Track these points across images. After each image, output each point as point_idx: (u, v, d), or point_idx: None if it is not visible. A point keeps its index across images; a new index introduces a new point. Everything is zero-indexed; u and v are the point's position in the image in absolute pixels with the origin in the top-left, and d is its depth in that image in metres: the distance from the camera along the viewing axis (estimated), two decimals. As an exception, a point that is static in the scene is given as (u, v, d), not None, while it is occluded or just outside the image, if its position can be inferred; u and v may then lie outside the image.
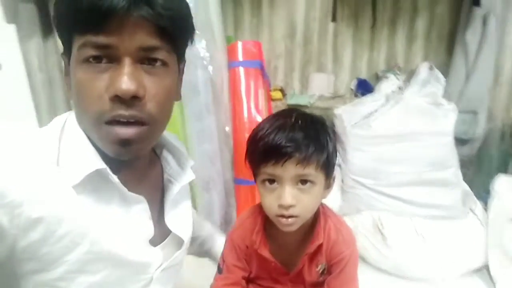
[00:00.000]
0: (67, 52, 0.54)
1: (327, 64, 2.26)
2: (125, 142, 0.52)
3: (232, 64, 1.85)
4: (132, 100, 0.51)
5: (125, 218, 0.58)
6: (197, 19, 1.64)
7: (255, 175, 0.75)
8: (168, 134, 0.72)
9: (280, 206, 0.70)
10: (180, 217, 0.69)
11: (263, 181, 0.72)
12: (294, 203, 0.69)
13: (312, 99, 2.13)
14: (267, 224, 0.81)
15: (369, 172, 1.71)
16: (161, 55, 0.53)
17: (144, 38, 0.51)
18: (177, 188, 0.67)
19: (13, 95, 1.29)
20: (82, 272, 0.54)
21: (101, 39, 0.49)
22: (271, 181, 0.71)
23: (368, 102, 1.92)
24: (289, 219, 0.71)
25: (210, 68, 1.69)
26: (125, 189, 0.57)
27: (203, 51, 1.68)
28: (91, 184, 0.54)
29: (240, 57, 1.86)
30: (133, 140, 0.53)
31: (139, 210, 0.60)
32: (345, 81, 2.28)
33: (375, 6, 2.12)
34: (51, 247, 0.51)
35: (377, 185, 1.71)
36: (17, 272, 0.51)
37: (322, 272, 0.80)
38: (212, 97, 1.71)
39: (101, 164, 0.54)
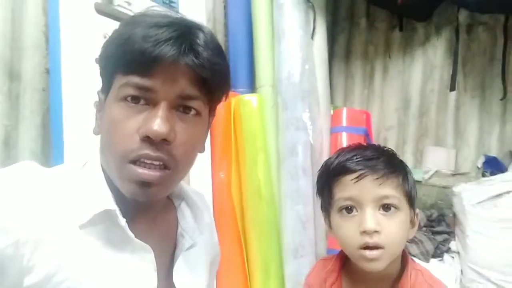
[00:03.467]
0: (105, 89, 0.56)
1: (446, 137, 2.04)
2: (145, 184, 0.52)
3: (335, 129, 1.82)
4: (161, 143, 0.51)
5: (128, 267, 0.55)
6: (302, 86, 1.74)
7: (329, 208, 0.69)
8: (189, 188, 0.70)
9: (363, 234, 0.63)
10: (192, 279, 0.63)
11: (340, 210, 0.66)
12: (378, 228, 0.62)
13: (427, 175, 1.91)
14: (345, 270, 0.72)
15: (496, 263, 1.38)
16: (196, 104, 0.55)
17: (185, 87, 0.53)
18: (188, 243, 0.64)
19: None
20: None
21: (144, 81, 0.51)
22: (349, 209, 0.65)
23: (498, 182, 1.62)
24: (374, 251, 0.62)
25: (311, 131, 1.69)
26: (131, 235, 0.55)
27: (306, 115, 1.70)
28: (98, 225, 0.53)
29: (344, 123, 1.82)
30: (154, 183, 0.52)
31: (144, 259, 0.57)
32: (469, 158, 2.00)
33: (504, 75, 1.88)
34: None
35: (508, 282, 1.35)
36: None
37: None
38: (310, 160, 1.68)
39: (111, 205, 0.54)
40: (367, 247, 0.63)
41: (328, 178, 0.69)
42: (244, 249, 1.72)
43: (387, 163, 0.66)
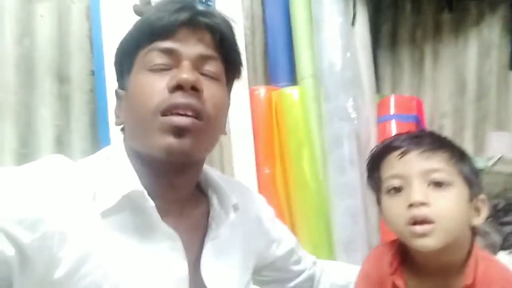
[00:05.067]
0: (126, 79, 0.58)
1: (509, 120, 1.87)
2: (180, 131, 0.51)
3: (382, 118, 1.73)
4: (191, 91, 0.52)
5: (156, 256, 0.54)
6: (344, 75, 1.68)
7: (379, 192, 0.66)
8: (214, 172, 0.68)
9: (411, 208, 0.59)
10: (220, 268, 0.61)
11: (388, 190, 0.63)
12: (425, 200, 0.58)
13: (490, 162, 1.75)
14: (405, 259, 0.68)
15: None
16: (215, 67, 0.57)
17: (204, 47, 0.56)
18: (215, 232, 0.61)
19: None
20: None
21: (167, 44, 0.54)
22: (397, 189, 0.62)
23: None
24: (424, 226, 0.58)
25: (356, 121, 1.62)
26: (159, 218, 0.53)
27: (350, 104, 1.64)
28: (124, 212, 0.52)
29: (392, 111, 1.72)
30: (189, 129, 0.52)
31: (173, 248, 0.55)
32: (539, 142, 1.80)
33: None
34: (77, 285, 0.48)
35: None
36: None
37: None
38: (356, 151, 1.60)
39: (139, 186, 0.53)
40: (416, 222, 0.58)
41: (375, 160, 0.67)
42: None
43: (435, 139, 0.63)
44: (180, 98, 0.52)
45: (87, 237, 0.49)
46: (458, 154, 0.63)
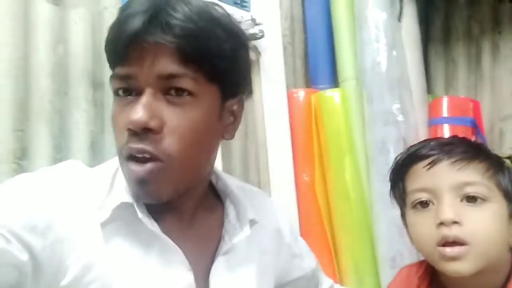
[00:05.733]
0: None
1: None
2: (141, 182, 0.49)
3: (434, 121, 1.59)
4: (145, 133, 0.48)
5: (157, 267, 0.52)
6: (389, 75, 1.57)
7: (403, 206, 0.62)
8: (235, 182, 0.64)
9: (440, 226, 0.53)
10: (233, 284, 0.58)
11: (414, 205, 0.57)
12: (457, 219, 0.52)
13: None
14: (433, 281, 0.63)
15: None
16: (185, 84, 0.49)
17: (164, 65, 0.48)
18: (227, 245, 0.58)
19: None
20: None
21: (123, 70, 0.49)
22: (424, 203, 0.56)
23: None
24: (455, 248, 0.52)
25: (403, 125, 1.50)
26: (151, 226, 0.51)
27: (396, 107, 1.52)
28: (120, 220, 0.51)
29: (445, 113, 1.57)
30: (148, 180, 0.49)
31: (173, 259, 0.53)
32: None
33: None
34: None
35: None
36: None
37: None
38: (404, 157, 1.48)
39: (128, 198, 0.51)
40: (446, 243, 0.53)
41: (399, 170, 0.61)
42: (334, 258, 1.59)
43: (469, 147, 0.56)
44: (132, 142, 0.49)
45: (91, 246, 0.49)
46: (496, 165, 0.55)
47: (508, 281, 0.54)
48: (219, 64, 0.51)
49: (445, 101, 1.60)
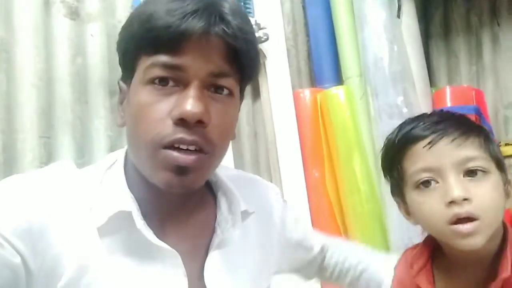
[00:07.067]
0: (129, 76, 0.52)
1: None
2: (182, 170, 0.48)
3: (438, 112, 1.62)
4: (196, 125, 0.47)
5: (154, 274, 0.52)
6: (392, 70, 1.61)
7: (403, 188, 0.60)
8: (227, 172, 0.64)
9: (451, 205, 0.53)
10: (227, 278, 0.57)
11: (416, 185, 0.56)
12: (468, 195, 0.52)
13: None
14: (435, 256, 0.62)
15: None
16: (229, 83, 0.50)
17: (216, 63, 0.48)
18: (219, 238, 0.57)
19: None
20: None
21: (173, 60, 0.47)
22: (427, 182, 0.55)
23: None
24: (469, 224, 0.52)
25: (408, 117, 1.53)
26: (151, 237, 0.51)
27: (400, 100, 1.55)
28: (117, 228, 0.50)
29: (448, 103, 1.61)
30: (191, 168, 0.48)
31: (172, 265, 0.52)
32: None
33: None
34: None
35: None
36: None
37: None
38: (410, 148, 1.51)
39: (127, 206, 0.50)
40: (458, 220, 0.53)
41: (395, 153, 0.60)
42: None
43: (460, 123, 0.57)
44: (184, 133, 0.47)
45: (85, 250, 0.49)
46: (487, 136, 0.57)
47: (502, 245, 0.56)
48: (252, 66, 0.53)
49: (447, 91, 1.63)
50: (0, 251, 0.44)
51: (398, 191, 0.62)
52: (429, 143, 0.55)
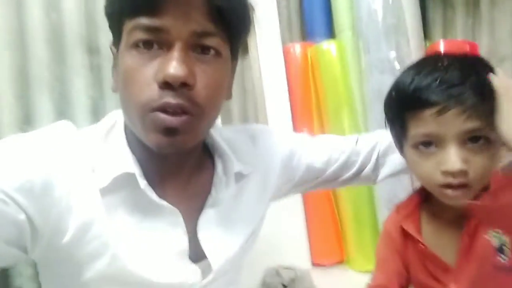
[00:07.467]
0: (116, 41, 0.52)
1: None
2: (170, 131, 0.48)
3: (430, 67, 1.58)
4: (181, 87, 0.47)
5: (156, 232, 0.54)
6: (386, 23, 1.55)
7: (402, 141, 0.60)
8: (223, 132, 0.65)
9: (445, 173, 0.54)
10: (221, 234, 0.59)
11: (416, 145, 0.57)
12: (465, 167, 0.53)
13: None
14: (424, 204, 0.65)
15: None
16: (214, 42, 0.49)
17: (199, 22, 0.47)
18: (213, 198, 0.59)
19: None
20: None
21: (153, 21, 0.47)
22: (427, 143, 0.56)
23: None
24: (458, 191, 0.54)
25: (399, 72, 1.50)
26: (154, 197, 0.52)
27: (392, 54, 1.51)
28: (121, 190, 0.52)
29: (442, 58, 1.56)
30: (179, 129, 0.48)
31: (173, 223, 0.54)
32: None
33: None
34: (81, 251, 0.49)
35: None
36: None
37: (501, 250, 0.56)
38: (401, 104, 1.49)
39: (130, 168, 0.51)
40: (449, 185, 0.55)
41: (401, 109, 0.58)
42: (333, 200, 1.67)
43: (477, 86, 0.53)
44: (169, 97, 0.47)
45: (89, 206, 0.50)
46: (494, 102, 0.54)
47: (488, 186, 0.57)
48: (242, 27, 0.52)
49: (441, 45, 1.59)
50: (5, 208, 0.45)
51: (397, 141, 0.63)
52: (437, 111, 0.53)
